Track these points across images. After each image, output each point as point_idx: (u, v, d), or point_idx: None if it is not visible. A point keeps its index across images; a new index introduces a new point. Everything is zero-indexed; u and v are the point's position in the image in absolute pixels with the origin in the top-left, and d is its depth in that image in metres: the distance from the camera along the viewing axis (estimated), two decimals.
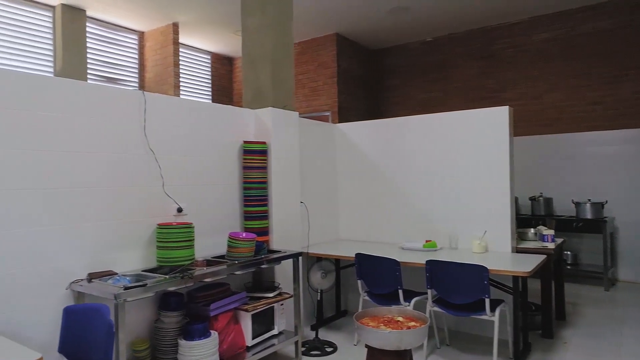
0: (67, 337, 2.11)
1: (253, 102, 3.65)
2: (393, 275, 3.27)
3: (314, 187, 4.27)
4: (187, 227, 2.73)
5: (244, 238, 2.96)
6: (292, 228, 3.65)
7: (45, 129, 2.33)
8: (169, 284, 2.41)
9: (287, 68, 3.70)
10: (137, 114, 2.76)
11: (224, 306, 2.84)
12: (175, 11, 6.14)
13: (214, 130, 3.26)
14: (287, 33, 3.70)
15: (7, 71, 2.20)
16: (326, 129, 4.47)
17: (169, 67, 6.70)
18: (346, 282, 4.54)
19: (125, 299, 2.18)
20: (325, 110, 7.12)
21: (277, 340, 3.14)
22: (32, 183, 2.27)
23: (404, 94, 7.55)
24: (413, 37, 7.22)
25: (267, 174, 3.47)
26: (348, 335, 3.81)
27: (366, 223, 4.43)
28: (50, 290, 2.33)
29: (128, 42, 6.82)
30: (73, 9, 5.87)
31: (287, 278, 3.55)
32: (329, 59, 7.08)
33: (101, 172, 2.57)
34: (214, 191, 3.25)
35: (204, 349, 2.58)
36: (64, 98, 2.41)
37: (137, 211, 2.75)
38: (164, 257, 2.69)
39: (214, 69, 8.17)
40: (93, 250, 2.52)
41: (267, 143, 3.49)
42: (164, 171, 2.90)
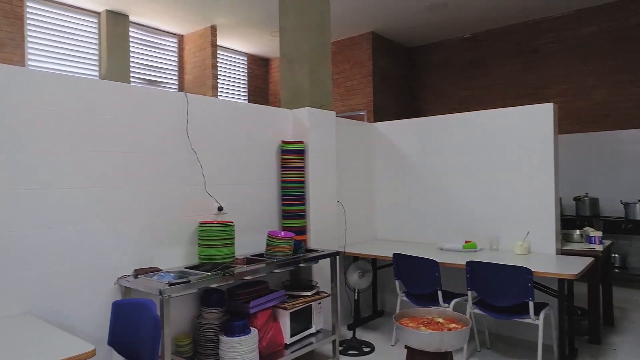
0: (115, 331, 2.19)
1: (291, 102, 3.68)
2: (432, 275, 3.22)
3: (351, 186, 4.26)
4: (228, 226, 2.78)
5: (282, 237, 2.99)
6: (329, 227, 3.66)
7: (95, 131, 2.43)
8: (211, 281, 2.47)
9: (325, 68, 3.71)
10: (180, 115, 2.83)
11: (264, 304, 2.88)
12: (214, 14, 6.27)
13: (253, 130, 3.31)
14: (325, 33, 3.71)
15: (60, 75, 2.31)
16: (363, 128, 4.46)
17: (207, 69, 6.84)
18: (383, 282, 4.51)
19: (170, 294, 2.25)
20: (361, 109, 7.09)
21: (315, 339, 3.16)
22: (83, 182, 2.37)
23: (441, 92, 7.42)
24: (450, 33, 7.09)
25: (304, 173, 3.49)
26: (385, 336, 3.79)
27: (403, 223, 4.38)
28: (100, 285, 2.43)
29: (168, 46, 7.02)
30: (117, 14, 6.09)
31: (324, 277, 3.56)
32: (365, 57, 7.05)
33: (146, 171, 2.65)
34: (253, 190, 3.30)
35: (244, 345, 2.62)
36: (113, 100, 2.51)
37: (180, 210, 2.82)
38: (206, 255, 2.75)
39: (250, 70, 8.29)
40: (138, 247, 2.61)
41: (304, 143, 3.51)
42: (205, 171, 2.97)
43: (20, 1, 5.42)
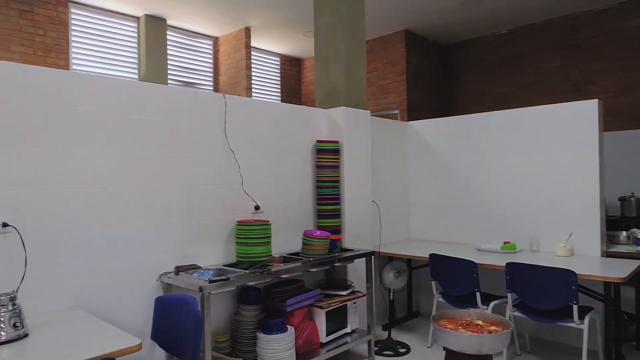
0: (159, 325, 2.25)
1: (325, 101, 3.69)
2: (470, 277, 3.16)
3: (385, 185, 4.23)
4: (265, 225, 2.82)
5: (318, 236, 3.00)
6: (364, 227, 3.64)
7: (139, 132, 2.50)
8: (249, 278, 2.50)
9: (359, 67, 3.70)
10: (218, 116, 2.89)
11: (300, 302, 2.90)
12: (248, 16, 6.35)
13: (288, 130, 3.33)
14: (360, 32, 3.70)
15: (105, 77, 2.40)
16: (398, 127, 4.42)
17: (242, 70, 6.94)
18: (418, 282, 4.46)
19: (209, 291, 2.29)
20: (394, 108, 7.03)
21: (350, 339, 3.16)
22: (129, 182, 2.45)
23: (476, 90, 7.26)
24: (487, 29, 6.93)
25: (339, 172, 3.49)
26: (421, 337, 3.74)
27: (439, 223, 4.32)
28: (143, 281, 2.51)
29: (204, 48, 7.16)
30: (155, 18, 6.26)
31: (359, 277, 3.55)
32: (398, 56, 6.98)
33: (186, 171, 2.72)
34: (288, 189, 3.32)
35: (281, 343, 2.65)
36: (155, 102, 2.58)
37: (218, 208, 2.88)
38: (243, 253, 2.80)
39: (283, 70, 8.35)
40: (179, 244, 2.68)
41: (339, 142, 3.51)
42: (243, 170, 3.02)
43: (65, 8, 5.65)
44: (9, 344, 1.69)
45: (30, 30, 5.41)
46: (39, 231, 2.13)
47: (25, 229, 2.08)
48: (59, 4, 5.60)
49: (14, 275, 2.05)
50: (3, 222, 2.01)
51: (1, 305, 1.74)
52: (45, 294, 2.15)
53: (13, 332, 1.73)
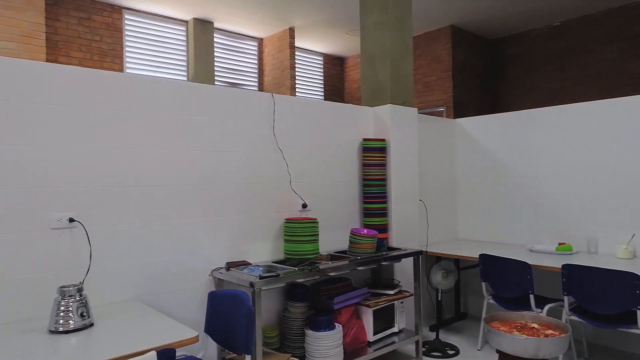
0: (211, 319, 2.32)
1: (372, 99, 3.67)
2: (523, 278, 3.06)
3: (432, 184, 4.16)
4: (313, 222, 2.84)
5: (365, 234, 2.99)
6: (411, 226, 3.60)
7: (192, 132, 2.59)
8: (298, 275, 2.53)
9: (407, 64, 3.65)
10: (267, 115, 2.94)
11: (347, 300, 2.90)
12: (292, 16, 6.42)
13: (335, 128, 3.34)
14: (407, 29, 3.65)
15: (161, 79, 2.49)
16: (444, 125, 4.33)
17: (286, 70, 7.02)
18: (466, 283, 4.36)
19: (260, 287, 2.34)
20: (439, 105, 6.90)
21: (398, 338, 3.13)
22: (183, 180, 2.54)
23: (526, 86, 7.00)
24: (538, 22, 6.66)
25: (386, 171, 3.47)
26: (470, 339, 3.65)
27: (488, 223, 4.20)
28: (196, 276, 2.59)
29: (249, 49, 7.29)
30: (203, 22, 6.44)
31: (406, 276, 3.51)
32: (444, 52, 6.84)
33: (237, 170, 2.78)
34: (335, 188, 3.33)
35: (329, 340, 2.66)
36: (207, 102, 2.66)
37: (267, 206, 2.93)
38: (291, 250, 2.83)
39: (326, 70, 8.38)
40: (230, 241, 2.75)
41: (386, 140, 3.48)
42: (290, 168, 3.05)
43: (120, 14, 5.92)
44: (77, 332, 1.79)
45: (87, 37, 5.70)
46: (101, 227, 2.24)
47: (90, 224, 2.20)
48: (114, 10, 5.87)
49: (80, 267, 2.17)
50: (70, 217, 2.14)
51: (70, 296, 1.85)
52: (107, 287, 2.26)
53: (80, 321, 1.83)
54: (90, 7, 5.69)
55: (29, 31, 4.70)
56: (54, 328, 1.80)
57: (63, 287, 1.86)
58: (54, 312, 1.82)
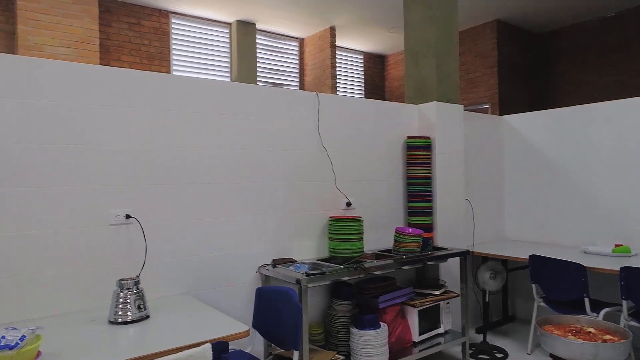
0: (259, 315, 2.36)
1: (416, 97, 3.62)
2: (577, 281, 2.93)
3: (478, 183, 4.06)
4: (357, 221, 2.84)
5: (410, 233, 2.96)
6: (457, 225, 3.53)
7: (238, 131, 2.64)
8: (343, 273, 2.54)
9: (452, 61, 3.58)
10: (311, 114, 2.96)
11: (392, 299, 2.88)
12: (333, 15, 6.43)
13: (379, 126, 3.32)
14: (452, 25, 3.58)
15: (209, 80, 2.56)
16: (490, 122, 4.21)
17: (327, 69, 7.04)
18: (514, 285, 4.23)
19: (306, 284, 2.36)
20: (484, 102, 6.72)
21: (443, 339, 3.07)
22: (230, 178, 2.60)
23: (577, 80, 6.71)
24: (589, 14, 6.37)
25: (431, 169, 3.41)
26: (519, 343, 3.54)
27: (537, 223, 4.05)
28: (244, 272, 2.64)
29: (290, 49, 7.36)
30: (246, 23, 6.56)
31: (452, 277, 3.45)
32: (488, 47, 6.66)
33: (283, 168, 2.82)
34: (379, 186, 3.31)
35: (375, 339, 2.65)
36: (253, 102, 2.71)
37: (312, 204, 2.95)
38: (336, 248, 2.84)
39: (367, 68, 8.34)
40: (275, 238, 2.79)
41: (431, 138, 3.43)
42: (335, 167, 3.06)
43: (167, 19, 6.12)
44: (134, 324, 1.87)
45: (137, 41, 5.93)
46: (155, 223, 2.33)
47: (144, 220, 2.29)
48: (161, 15, 6.07)
49: (136, 262, 2.27)
50: (126, 214, 2.23)
51: (128, 289, 1.93)
52: (160, 281, 2.34)
53: (137, 313, 1.91)
54: (139, 13, 5.92)
55: (85, 37, 4.95)
56: (114, 319, 1.88)
57: (122, 280, 1.94)
58: (113, 303, 1.91)
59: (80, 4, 4.93)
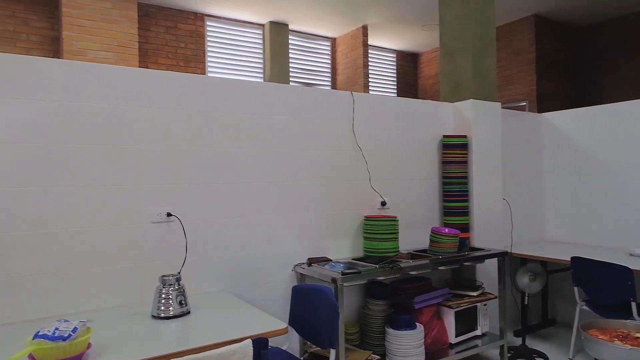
0: (295, 312, 2.39)
1: (451, 95, 3.57)
2: (623, 285, 2.82)
3: (516, 182, 3.96)
4: (392, 220, 2.82)
5: (447, 233, 2.92)
6: (494, 226, 3.45)
7: (273, 131, 2.67)
8: (379, 273, 2.53)
9: (489, 57, 3.51)
10: (346, 114, 2.96)
11: (428, 300, 2.85)
12: (366, 14, 6.40)
13: (414, 125, 3.29)
14: (489, 20, 3.51)
15: (245, 82, 2.60)
16: (529, 119, 4.10)
17: (359, 69, 7.02)
18: (554, 288, 4.10)
19: (342, 283, 2.36)
20: (521, 99, 6.54)
21: (481, 342, 3.02)
22: (266, 177, 2.63)
23: (621, 76, 6.43)
24: (632, 6, 6.10)
25: (467, 168, 3.35)
26: (559, 347, 3.43)
27: (578, 224, 3.91)
28: (280, 270, 2.67)
29: (322, 49, 7.38)
30: (278, 24, 6.62)
31: (489, 278, 3.38)
32: (525, 43, 6.48)
33: (317, 167, 2.83)
34: (414, 185, 3.28)
35: (410, 339, 2.63)
36: (288, 102, 2.73)
37: (347, 203, 2.95)
38: (371, 248, 2.83)
39: (399, 66, 8.26)
40: (310, 237, 2.80)
41: (467, 137, 3.37)
42: (370, 166, 3.05)
43: (202, 21, 6.24)
44: (176, 319, 1.92)
45: (173, 44, 6.08)
46: (194, 221, 2.39)
47: (184, 218, 2.35)
48: (197, 18, 6.21)
49: (177, 258, 2.33)
50: (167, 212, 2.30)
51: (170, 285, 1.98)
52: (199, 278, 2.40)
53: (179, 309, 1.96)
54: (176, 16, 6.07)
55: (124, 41, 5.11)
56: (156, 313, 1.94)
57: (164, 276, 2.00)
58: (156, 299, 1.97)
59: (121, 9, 5.10)
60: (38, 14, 5.17)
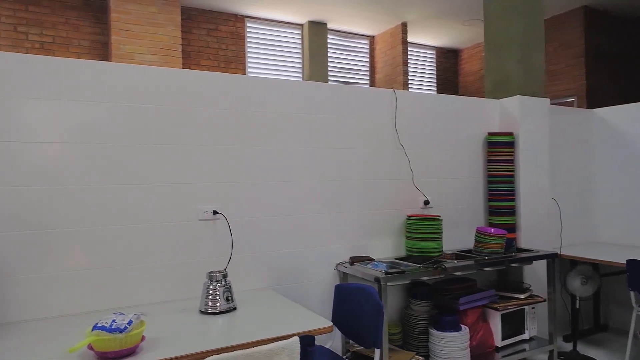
0: (338, 311, 2.38)
1: (496, 91, 3.46)
2: None
3: (565, 181, 3.80)
4: (436, 220, 2.77)
5: (493, 233, 2.84)
6: (542, 226, 3.33)
7: (317, 129, 2.68)
8: (423, 273, 2.49)
9: (537, 52, 3.38)
10: (388, 111, 2.93)
11: (474, 301, 2.78)
12: (405, 11, 6.32)
13: (457, 122, 3.22)
14: (537, 12, 3.38)
15: (287, 81, 2.61)
16: (579, 116, 3.93)
17: (398, 67, 6.94)
18: (607, 291, 3.91)
19: (386, 283, 2.34)
20: (569, 95, 6.28)
21: (528, 346, 2.92)
22: (310, 176, 2.64)
23: None
24: None
25: (514, 167, 3.25)
26: (613, 354, 3.27)
27: (633, 225, 3.71)
28: (322, 268, 2.68)
29: (360, 47, 7.35)
30: (317, 24, 6.64)
31: (537, 280, 3.26)
32: (574, 37, 6.21)
33: (360, 166, 2.82)
34: (458, 184, 3.21)
35: (455, 341, 2.58)
36: (332, 100, 2.73)
37: (389, 202, 2.92)
38: (413, 248, 2.79)
39: (439, 63, 8.11)
40: (353, 236, 2.79)
41: (514, 134, 3.27)
42: (413, 165, 3.01)
43: (242, 23, 6.35)
44: (222, 315, 1.96)
45: (214, 46, 6.21)
46: (239, 219, 2.43)
47: (230, 216, 2.40)
48: (237, 20, 6.32)
49: (222, 256, 2.38)
50: (214, 209, 2.35)
51: (217, 281, 2.03)
52: (244, 274, 2.44)
53: (226, 305, 2.00)
54: (217, 19, 6.20)
55: (169, 44, 5.27)
56: (204, 309, 1.99)
57: (211, 273, 2.04)
58: (203, 294, 2.02)
59: (165, 13, 5.25)
60: (89, 20, 5.40)
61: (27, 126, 1.98)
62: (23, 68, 1.98)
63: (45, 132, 2.01)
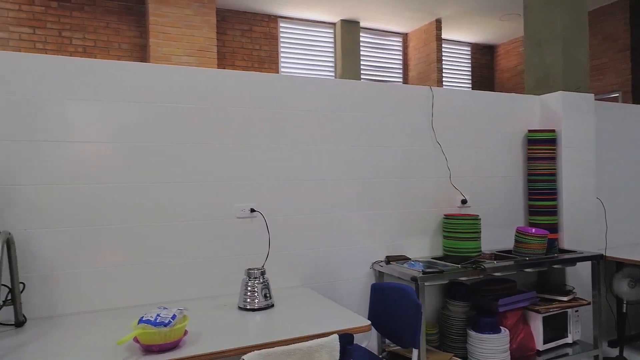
0: (375, 310, 2.37)
1: (537, 87, 3.36)
2: None
3: (611, 180, 3.64)
4: (474, 219, 2.71)
5: (534, 234, 2.75)
6: (586, 227, 3.20)
7: (351, 127, 2.67)
8: (461, 273, 2.44)
9: (581, 46, 3.26)
10: (425, 109, 2.89)
11: (513, 303, 2.71)
12: (439, 7, 6.22)
13: (496, 119, 3.14)
14: (580, 5, 3.26)
15: (320, 79, 2.61)
16: (627, 112, 3.75)
17: (432, 64, 6.84)
18: None
19: (424, 282, 2.31)
20: (613, 90, 6.03)
21: (572, 350, 2.82)
22: (346, 174, 2.64)
23: None
24: None
25: (555, 165, 3.14)
26: None
27: None
28: (358, 267, 2.67)
29: (393, 45, 7.28)
30: (350, 22, 6.63)
31: (580, 282, 3.14)
32: (619, 29, 5.96)
33: (395, 164, 2.79)
34: (497, 183, 3.13)
35: (495, 343, 2.52)
36: (366, 98, 2.72)
37: (426, 201, 2.88)
38: (451, 247, 2.74)
39: (474, 60, 7.95)
40: (389, 235, 2.77)
41: (556, 131, 3.16)
42: (450, 163, 2.96)
43: (275, 23, 6.40)
44: (261, 311, 1.98)
45: (249, 46, 6.29)
46: (276, 217, 2.45)
47: (267, 214, 2.42)
48: (270, 20, 6.38)
49: (259, 253, 2.40)
50: (251, 207, 2.38)
51: (255, 278, 2.05)
52: (281, 272, 2.46)
53: (264, 302, 2.02)
54: (251, 19, 6.27)
55: (204, 46, 5.37)
56: (243, 305, 2.02)
57: (250, 270, 2.07)
58: (242, 291, 2.04)
59: (201, 15, 5.36)
60: (128, 24, 5.58)
61: (71, 126, 2.05)
62: (68, 70, 2.06)
63: (89, 132, 2.09)
